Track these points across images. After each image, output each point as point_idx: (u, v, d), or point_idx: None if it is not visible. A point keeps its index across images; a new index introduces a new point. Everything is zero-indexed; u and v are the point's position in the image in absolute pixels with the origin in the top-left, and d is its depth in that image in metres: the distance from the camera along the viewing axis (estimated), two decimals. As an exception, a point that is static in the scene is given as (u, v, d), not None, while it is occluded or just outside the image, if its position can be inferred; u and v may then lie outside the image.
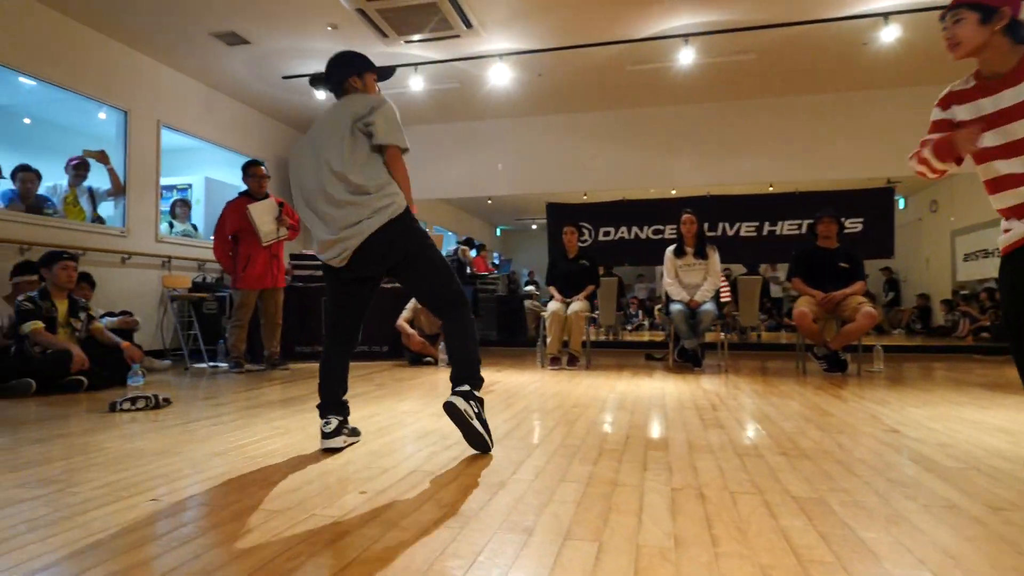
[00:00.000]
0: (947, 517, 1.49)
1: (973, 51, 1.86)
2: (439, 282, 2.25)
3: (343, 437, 2.27)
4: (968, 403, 3.26)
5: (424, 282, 2.26)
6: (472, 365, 2.21)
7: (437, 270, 2.25)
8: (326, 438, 2.24)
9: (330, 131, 2.21)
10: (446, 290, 2.25)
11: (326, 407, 2.29)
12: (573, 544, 1.34)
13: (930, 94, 7.20)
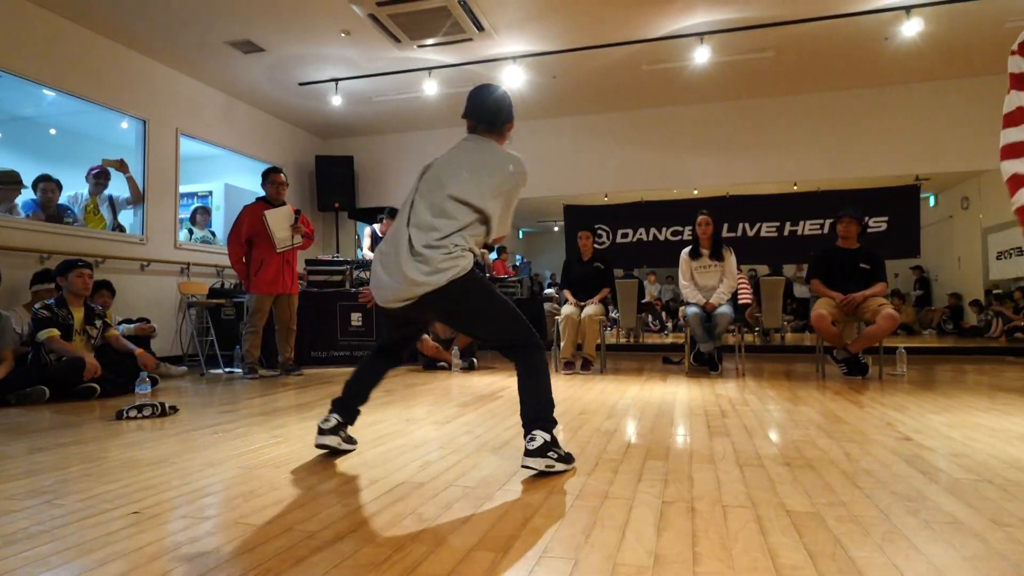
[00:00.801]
0: (948, 534, 1.41)
1: None
2: (497, 328, 2.14)
3: (338, 439, 2.25)
4: (992, 409, 3.12)
5: (479, 328, 2.20)
6: (542, 408, 2.07)
7: (498, 316, 2.14)
8: (322, 434, 2.22)
9: (465, 168, 2.15)
10: (506, 334, 2.14)
11: (339, 404, 2.28)
12: (547, 562, 1.29)
13: (956, 87, 6.99)
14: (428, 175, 2.20)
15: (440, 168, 2.18)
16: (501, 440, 2.53)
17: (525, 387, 2.11)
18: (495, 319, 2.13)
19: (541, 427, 2.02)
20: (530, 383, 2.10)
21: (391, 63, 6.25)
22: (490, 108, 2.27)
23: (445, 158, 2.23)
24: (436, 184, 2.14)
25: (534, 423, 2.04)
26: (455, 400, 3.67)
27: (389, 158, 8.49)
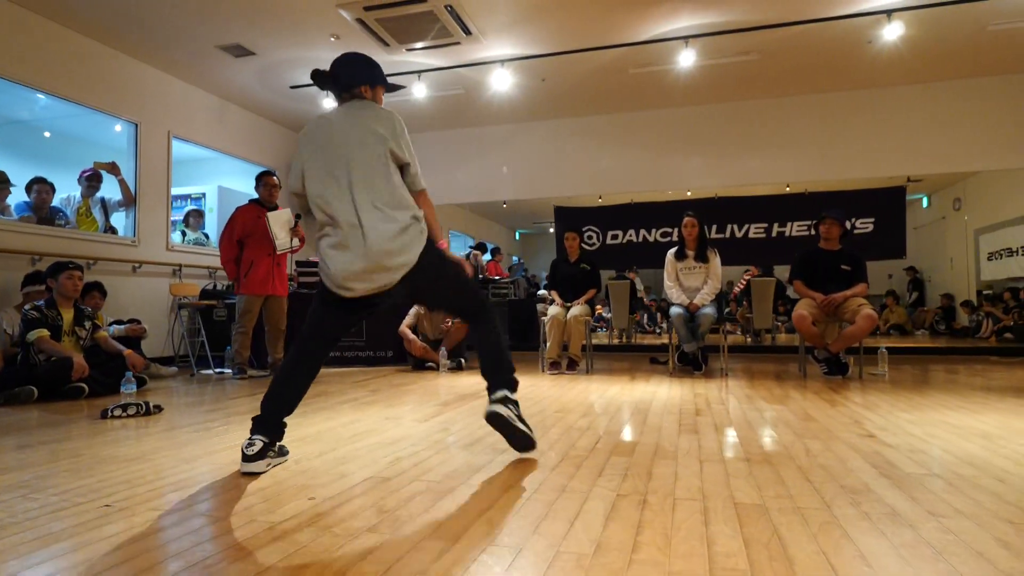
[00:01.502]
0: (883, 525, 1.46)
1: None
2: (460, 295, 2.22)
3: (266, 461, 2.07)
4: (962, 407, 3.17)
5: (445, 299, 2.25)
6: (505, 368, 2.23)
7: (457, 284, 2.20)
8: (247, 461, 2.02)
9: (350, 142, 2.08)
10: (467, 301, 2.23)
11: (261, 425, 2.08)
12: (492, 550, 1.35)
13: (943, 90, 7.06)
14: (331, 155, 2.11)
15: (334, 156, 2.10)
16: (473, 437, 2.59)
17: (487, 352, 2.24)
18: (457, 286, 2.21)
19: (507, 387, 2.20)
20: (493, 347, 2.23)
21: (382, 66, 6.30)
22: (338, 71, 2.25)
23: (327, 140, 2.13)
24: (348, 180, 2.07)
25: (501, 384, 2.20)
26: (438, 399, 3.72)
27: (381, 160, 8.54)
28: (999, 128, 6.56)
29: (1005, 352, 6.94)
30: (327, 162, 2.10)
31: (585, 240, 8.48)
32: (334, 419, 3.05)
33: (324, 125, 2.15)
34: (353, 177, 2.06)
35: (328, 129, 2.14)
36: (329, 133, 2.13)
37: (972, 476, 1.89)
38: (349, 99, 2.23)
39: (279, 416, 2.12)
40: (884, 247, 7.21)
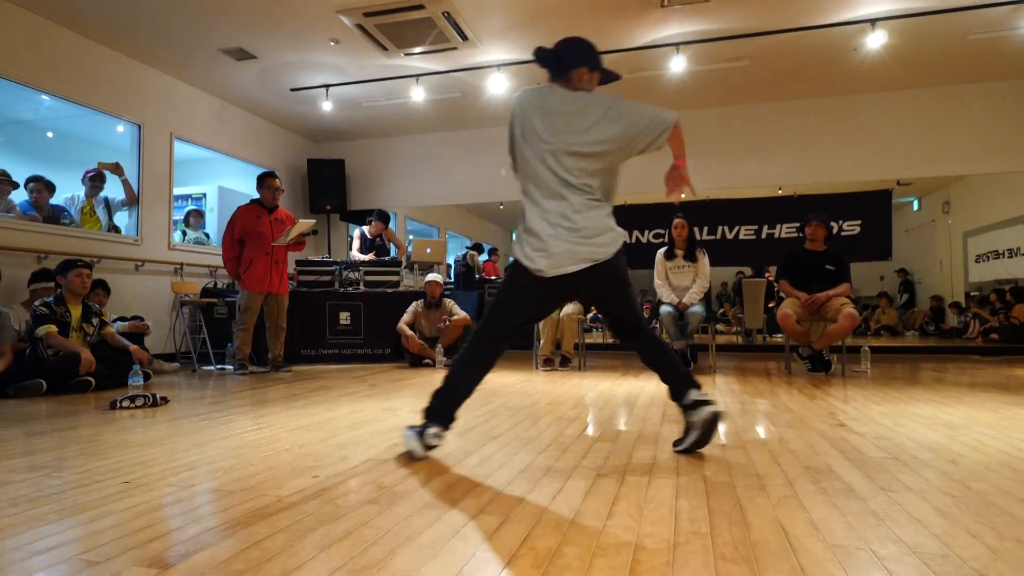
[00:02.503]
0: (837, 499, 1.61)
1: None
2: (634, 312, 2.28)
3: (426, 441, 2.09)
4: (932, 400, 3.33)
5: (623, 311, 2.27)
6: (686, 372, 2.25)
7: (633, 301, 2.29)
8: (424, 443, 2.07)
9: (575, 124, 2.09)
10: (639, 318, 2.29)
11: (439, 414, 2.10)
12: (481, 518, 1.49)
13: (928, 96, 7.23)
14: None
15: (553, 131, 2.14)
16: (467, 427, 2.73)
17: (664, 362, 2.24)
18: (633, 302, 2.29)
19: (696, 387, 2.19)
20: (665, 357, 2.23)
21: (380, 70, 6.45)
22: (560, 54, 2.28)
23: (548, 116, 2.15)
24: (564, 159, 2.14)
25: (691, 385, 2.19)
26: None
27: (379, 161, 8.69)
28: (983, 133, 6.72)
29: (990, 352, 7.11)
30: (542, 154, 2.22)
31: (579, 241, 8.61)
32: (335, 410, 3.18)
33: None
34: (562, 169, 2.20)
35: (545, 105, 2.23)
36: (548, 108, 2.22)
37: (928, 459, 2.04)
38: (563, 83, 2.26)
39: (458, 407, 2.14)
40: (870, 249, 7.38)
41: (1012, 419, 2.76)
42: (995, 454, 2.10)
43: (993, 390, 3.78)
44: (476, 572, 1.18)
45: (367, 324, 6.29)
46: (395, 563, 1.22)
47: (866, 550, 1.26)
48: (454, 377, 2.15)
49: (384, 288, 6.44)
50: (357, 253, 6.86)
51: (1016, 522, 1.42)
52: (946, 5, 5.08)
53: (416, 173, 8.58)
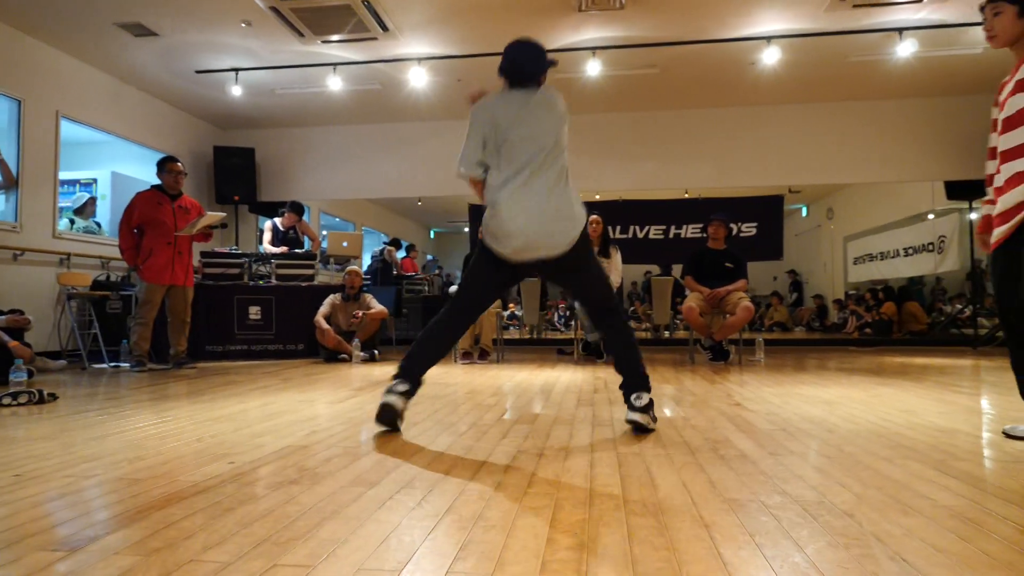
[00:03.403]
0: (732, 462, 1.78)
1: (1009, 42, 1.98)
2: (602, 291, 2.37)
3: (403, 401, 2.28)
4: (815, 383, 3.68)
5: (590, 289, 2.39)
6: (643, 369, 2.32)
7: (601, 280, 2.37)
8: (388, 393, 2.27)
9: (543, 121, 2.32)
10: (606, 298, 2.37)
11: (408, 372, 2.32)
12: (407, 491, 1.53)
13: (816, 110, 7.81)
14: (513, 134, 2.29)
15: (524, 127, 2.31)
16: (387, 413, 2.73)
17: (623, 349, 2.33)
18: (601, 281, 2.37)
19: (646, 387, 2.27)
20: (627, 345, 2.33)
21: (294, 56, 6.25)
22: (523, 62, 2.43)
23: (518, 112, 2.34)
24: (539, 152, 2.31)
25: (639, 387, 2.26)
26: (351, 385, 3.81)
27: (292, 152, 8.40)
28: (863, 146, 7.43)
29: (864, 343, 7.87)
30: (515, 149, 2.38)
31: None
32: (246, 403, 3.08)
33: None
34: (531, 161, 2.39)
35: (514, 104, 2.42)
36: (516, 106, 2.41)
37: (809, 429, 2.27)
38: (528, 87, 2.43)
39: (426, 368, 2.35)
40: (765, 249, 7.97)
41: (880, 396, 3.11)
42: (865, 424, 2.37)
43: (865, 374, 4.22)
44: (404, 536, 1.22)
45: (279, 319, 6.08)
46: (321, 533, 1.24)
47: (756, 501, 1.41)
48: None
49: (298, 282, 6.25)
50: (268, 246, 6.62)
51: (878, 475, 1.63)
52: (829, 28, 5.59)
53: (332, 165, 8.37)
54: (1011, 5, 1.95)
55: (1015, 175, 1.95)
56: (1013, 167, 1.96)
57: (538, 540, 1.19)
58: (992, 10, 1.99)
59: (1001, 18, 1.97)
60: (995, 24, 1.99)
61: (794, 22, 5.53)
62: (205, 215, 5.08)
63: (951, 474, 1.64)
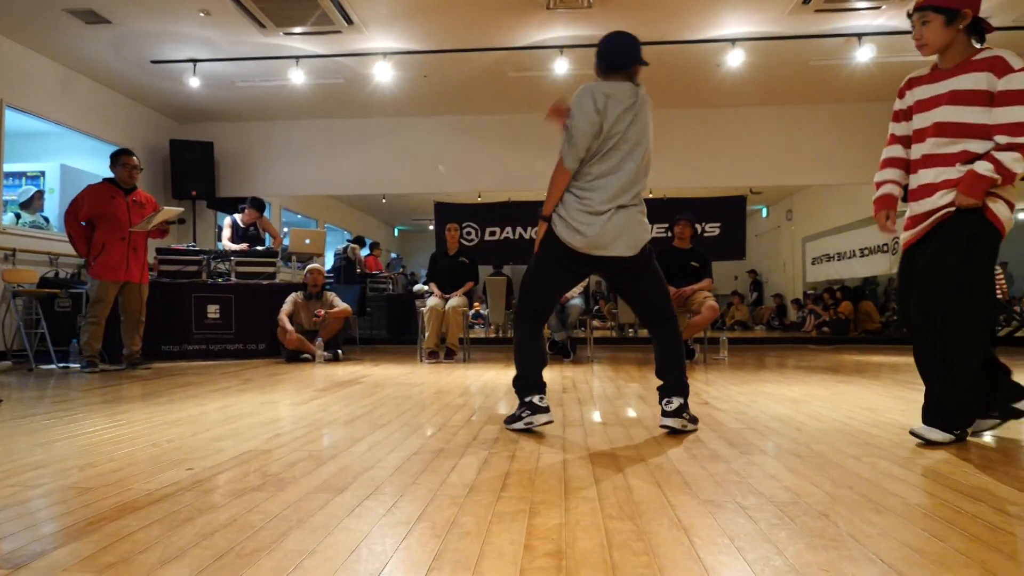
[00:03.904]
0: (704, 462, 1.77)
1: (939, 50, 2.03)
2: (662, 295, 2.36)
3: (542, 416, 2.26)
4: (779, 381, 3.74)
5: (650, 292, 2.36)
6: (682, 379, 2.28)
7: (663, 286, 2.37)
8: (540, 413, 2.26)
9: (642, 117, 2.28)
10: (666, 304, 2.35)
11: (537, 386, 2.29)
12: (377, 497, 1.48)
13: (776, 113, 7.93)
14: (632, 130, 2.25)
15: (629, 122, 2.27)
16: (354, 415, 2.66)
17: (673, 355, 2.29)
18: (662, 285, 2.37)
19: (680, 393, 2.24)
20: (679, 352, 2.30)
21: (255, 48, 6.08)
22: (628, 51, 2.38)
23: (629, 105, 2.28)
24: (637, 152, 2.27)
25: (673, 389, 2.25)
26: (315, 386, 3.72)
27: (253, 146, 8.18)
28: (822, 149, 7.62)
29: (822, 342, 8.08)
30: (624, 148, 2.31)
31: (464, 236, 8.68)
32: (205, 405, 2.97)
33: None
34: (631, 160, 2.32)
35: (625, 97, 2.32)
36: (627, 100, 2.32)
37: (777, 427, 2.30)
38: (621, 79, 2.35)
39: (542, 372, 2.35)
40: (728, 249, 8.11)
41: (842, 394, 3.18)
42: (831, 422, 2.41)
43: (826, 372, 4.32)
44: (374, 545, 1.17)
45: (239, 318, 5.91)
46: (287, 544, 1.18)
47: (732, 502, 1.40)
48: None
49: (258, 280, 6.08)
50: (228, 243, 6.42)
51: (849, 473, 1.65)
52: (792, 32, 5.71)
53: (294, 161, 8.18)
54: (938, 14, 1.98)
55: (931, 184, 2.02)
56: (926, 176, 2.03)
57: (515, 547, 1.15)
58: (920, 19, 2.03)
59: (929, 27, 2.01)
60: (924, 33, 2.03)
61: (758, 25, 5.63)
62: (161, 210, 4.88)
63: (918, 471, 1.67)
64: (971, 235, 1.93)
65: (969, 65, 1.97)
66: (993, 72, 1.93)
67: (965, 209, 1.94)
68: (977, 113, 1.95)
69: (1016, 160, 1.88)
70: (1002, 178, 1.90)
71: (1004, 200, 1.95)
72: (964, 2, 1.96)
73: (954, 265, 1.94)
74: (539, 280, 2.35)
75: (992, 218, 1.93)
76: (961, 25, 1.97)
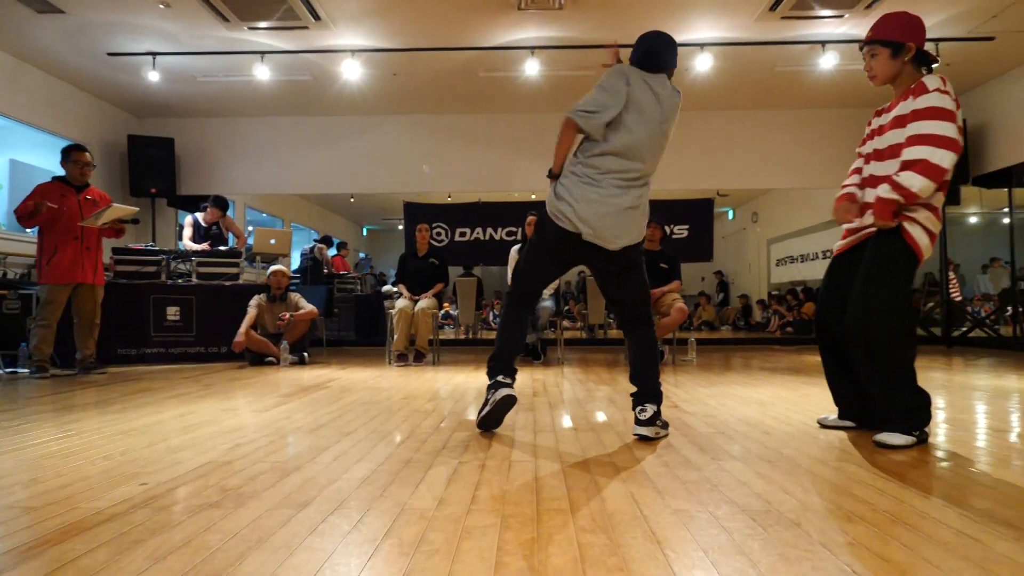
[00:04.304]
0: (676, 469, 1.77)
1: (887, 80, 2.17)
2: (644, 298, 2.31)
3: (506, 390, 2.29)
4: (747, 383, 3.78)
5: (633, 294, 2.30)
6: (657, 383, 2.25)
7: (645, 287, 2.32)
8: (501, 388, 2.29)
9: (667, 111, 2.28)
10: (645, 307, 2.31)
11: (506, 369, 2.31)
12: (342, 512, 1.42)
13: (743, 117, 8.05)
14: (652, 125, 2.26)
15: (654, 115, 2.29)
16: (319, 423, 2.59)
17: (648, 361, 2.26)
18: (644, 287, 2.32)
19: (654, 400, 2.21)
20: (651, 358, 2.27)
21: (218, 43, 5.90)
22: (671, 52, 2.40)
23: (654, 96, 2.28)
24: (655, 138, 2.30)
25: (647, 396, 2.21)
26: (279, 391, 3.62)
27: (216, 143, 7.96)
28: (787, 154, 7.77)
29: (786, 342, 8.24)
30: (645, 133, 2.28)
31: (434, 237, 8.61)
32: (162, 412, 2.86)
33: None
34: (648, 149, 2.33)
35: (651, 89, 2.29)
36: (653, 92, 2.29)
37: (747, 431, 2.31)
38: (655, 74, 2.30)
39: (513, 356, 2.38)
40: (696, 251, 8.21)
41: (808, 396, 3.23)
42: (798, 425, 2.44)
43: (791, 373, 4.39)
44: (339, 566, 1.12)
45: (200, 320, 5.73)
46: (246, 566, 1.12)
47: (705, 512, 1.39)
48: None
49: (221, 281, 5.91)
50: (189, 242, 6.23)
51: (819, 479, 1.66)
52: (759, 38, 5.80)
53: (260, 159, 7.98)
54: (884, 47, 2.12)
55: (868, 203, 2.15)
56: (873, 192, 2.14)
57: (486, 565, 1.12)
58: (869, 52, 2.17)
59: (878, 59, 2.14)
60: (873, 65, 2.17)
61: (726, 30, 5.70)
62: (112, 206, 4.66)
63: (883, 475, 1.69)
64: (890, 255, 2.07)
65: (908, 92, 2.10)
66: (913, 95, 2.06)
67: (886, 230, 2.08)
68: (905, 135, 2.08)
69: (911, 178, 1.98)
70: (903, 198, 2.01)
71: (923, 227, 2.05)
72: (908, 36, 2.09)
73: (885, 281, 2.06)
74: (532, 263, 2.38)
75: (910, 241, 2.05)
76: (906, 57, 2.10)
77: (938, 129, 1.96)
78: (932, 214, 2.06)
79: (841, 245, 2.29)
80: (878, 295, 2.07)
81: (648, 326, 2.32)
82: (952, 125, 1.97)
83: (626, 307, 2.34)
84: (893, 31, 2.11)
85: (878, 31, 2.13)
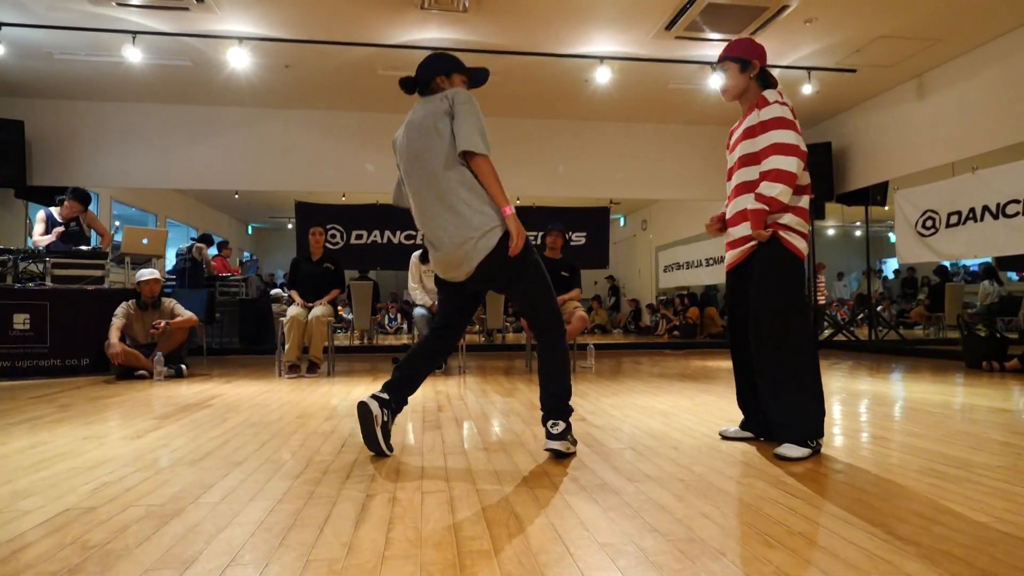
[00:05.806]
0: (595, 493, 1.74)
1: (738, 95, 2.37)
2: (545, 306, 2.20)
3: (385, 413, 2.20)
4: (645, 392, 3.90)
5: (533, 303, 2.21)
6: (566, 396, 2.17)
7: (545, 294, 2.20)
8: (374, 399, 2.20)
9: (422, 134, 2.19)
10: (549, 316, 2.20)
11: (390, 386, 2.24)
12: (234, 569, 1.25)
13: (637, 130, 8.33)
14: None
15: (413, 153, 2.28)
16: (203, 451, 2.33)
17: (558, 374, 2.17)
18: (538, 294, 2.20)
19: (563, 415, 2.15)
20: (563, 371, 2.18)
21: (81, 17, 5.25)
22: (419, 72, 2.35)
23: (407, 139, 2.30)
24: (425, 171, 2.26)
25: (555, 411, 2.15)
26: (153, 412, 3.24)
27: (78, 129, 7.10)
28: (677, 166, 8.17)
29: (674, 346, 8.68)
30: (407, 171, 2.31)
31: (328, 239, 8.21)
32: (6, 444, 2.45)
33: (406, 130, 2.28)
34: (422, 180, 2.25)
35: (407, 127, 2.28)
36: (407, 130, 2.28)
37: (655, 447, 2.34)
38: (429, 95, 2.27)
39: (407, 390, 2.29)
40: (593, 258, 8.44)
41: (704, 405, 3.36)
42: (702, 438, 2.51)
43: (684, 380, 4.58)
44: (235, 647, 0.96)
45: (56, 329, 5.07)
46: (117, 656, 0.93)
47: (631, 544, 1.36)
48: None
49: (82, 284, 5.25)
50: (41, 238, 5.49)
51: (732, 499, 1.69)
52: (654, 55, 6.04)
53: (130, 149, 7.21)
54: (734, 63, 2.35)
55: (742, 211, 2.33)
56: (740, 202, 2.34)
57: (408, 628, 1.01)
58: (722, 68, 2.40)
59: (728, 74, 2.38)
60: (725, 80, 2.39)
61: (624, 45, 5.88)
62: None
63: (791, 492, 1.76)
64: (777, 263, 2.23)
65: (753, 106, 2.32)
66: (757, 108, 2.28)
67: (763, 242, 2.25)
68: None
69: (769, 187, 2.20)
70: (767, 206, 2.21)
71: (794, 231, 2.25)
72: (753, 56, 2.33)
73: (774, 288, 2.22)
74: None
75: (788, 246, 2.24)
76: (752, 74, 2.34)
77: (783, 138, 2.19)
78: (798, 216, 2.25)
79: (730, 260, 2.43)
80: (772, 303, 2.22)
81: (546, 335, 2.23)
82: (793, 133, 2.20)
83: (529, 318, 2.32)
84: (742, 50, 2.34)
85: (729, 51, 2.37)
